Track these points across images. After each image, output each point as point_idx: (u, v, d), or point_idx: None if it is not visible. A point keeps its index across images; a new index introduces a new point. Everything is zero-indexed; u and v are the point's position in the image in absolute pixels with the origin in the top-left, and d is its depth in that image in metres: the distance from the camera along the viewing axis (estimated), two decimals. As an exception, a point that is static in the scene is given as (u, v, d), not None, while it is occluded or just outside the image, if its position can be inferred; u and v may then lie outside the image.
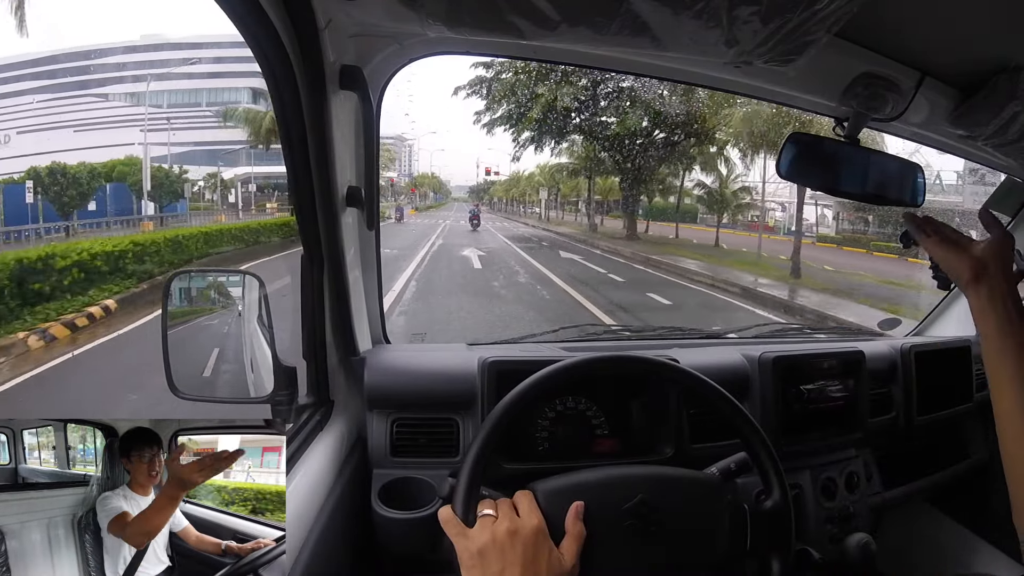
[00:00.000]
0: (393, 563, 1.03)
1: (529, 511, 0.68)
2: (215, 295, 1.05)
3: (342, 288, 0.99)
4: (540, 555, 0.64)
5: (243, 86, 31.95)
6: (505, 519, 0.66)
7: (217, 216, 19.35)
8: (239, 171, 29.13)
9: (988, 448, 1.57)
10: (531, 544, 0.65)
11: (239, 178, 28.70)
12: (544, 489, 0.72)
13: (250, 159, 28.77)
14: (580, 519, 0.69)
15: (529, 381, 0.77)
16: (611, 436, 1.09)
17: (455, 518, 0.67)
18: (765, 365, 1.21)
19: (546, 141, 15.86)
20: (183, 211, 20.57)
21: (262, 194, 28.62)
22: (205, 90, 32.82)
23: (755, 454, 0.81)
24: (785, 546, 0.78)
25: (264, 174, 29.15)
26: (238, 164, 29.24)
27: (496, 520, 0.66)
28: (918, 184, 1.09)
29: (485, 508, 0.68)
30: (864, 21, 0.73)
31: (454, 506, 0.68)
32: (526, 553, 0.64)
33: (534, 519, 0.67)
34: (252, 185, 28.96)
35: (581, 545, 0.67)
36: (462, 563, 0.65)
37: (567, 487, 0.73)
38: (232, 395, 0.97)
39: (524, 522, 0.66)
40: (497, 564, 0.63)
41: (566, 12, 0.69)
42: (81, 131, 28.70)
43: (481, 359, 1.05)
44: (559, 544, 0.67)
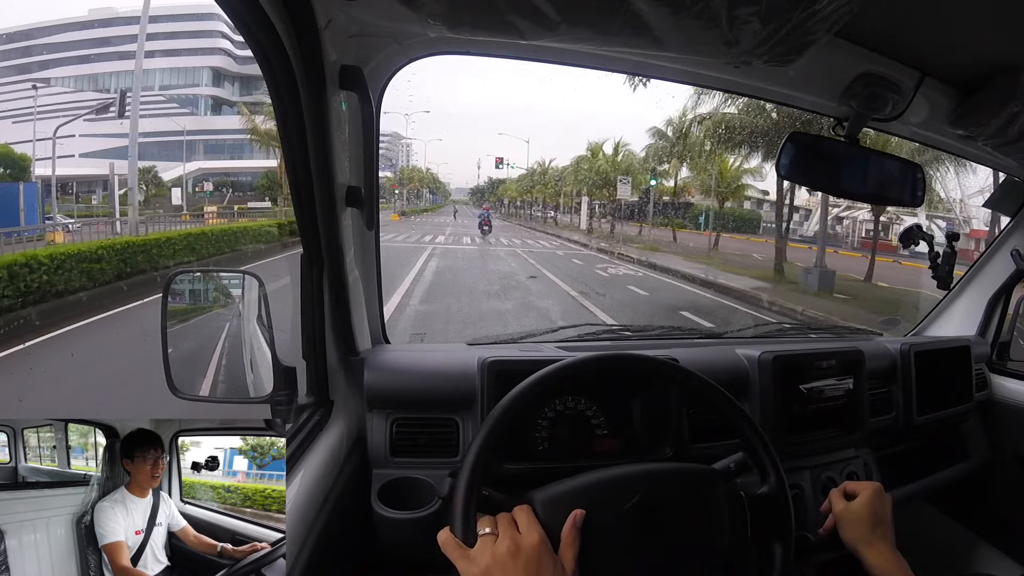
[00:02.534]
0: (393, 563, 1.03)
1: (529, 526, 0.67)
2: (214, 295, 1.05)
3: (342, 288, 0.99)
4: (543, 569, 0.64)
5: (203, 65, 27.70)
6: (505, 537, 0.66)
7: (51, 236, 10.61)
8: (192, 167, 24.82)
9: (988, 448, 1.57)
10: (533, 561, 0.64)
11: (191, 175, 24.57)
12: (542, 499, 0.72)
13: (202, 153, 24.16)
14: (578, 528, 0.68)
15: (529, 381, 0.77)
16: (611, 436, 1.09)
17: (455, 540, 0.66)
18: (765, 365, 1.21)
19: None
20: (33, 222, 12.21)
21: (219, 193, 24.44)
22: (158, 71, 28.11)
23: (754, 454, 0.81)
24: (786, 531, 0.78)
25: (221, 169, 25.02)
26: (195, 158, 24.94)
27: (497, 539, 0.66)
28: (918, 183, 1.09)
29: (485, 526, 0.67)
30: (864, 21, 0.73)
31: (452, 527, 0.67)
32: (528, 570, 0.64)
33: (534, 534, 0.66)
34: (208, 183, 24.75)
35: (577, 553, 0.67)
36: None
37: (564, 494, 0.72)
38: (231, 395, 0.97)
39: (524, 539, 0.66)
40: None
41: (566, 12, 0.69)
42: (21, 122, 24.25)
43: (481, 359, 1.05)
44: (558, 552, 0.67)
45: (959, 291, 1.74)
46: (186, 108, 24.80)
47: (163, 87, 27.06)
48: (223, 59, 29.61)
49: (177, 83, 27.55)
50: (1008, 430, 1.57)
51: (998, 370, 1.67)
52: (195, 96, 29.57)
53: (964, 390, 1.53)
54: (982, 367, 1.63)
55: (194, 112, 24.95)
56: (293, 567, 0.72)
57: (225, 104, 30.31)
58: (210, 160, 26.63)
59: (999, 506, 1.56)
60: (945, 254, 1.44)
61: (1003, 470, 1.56)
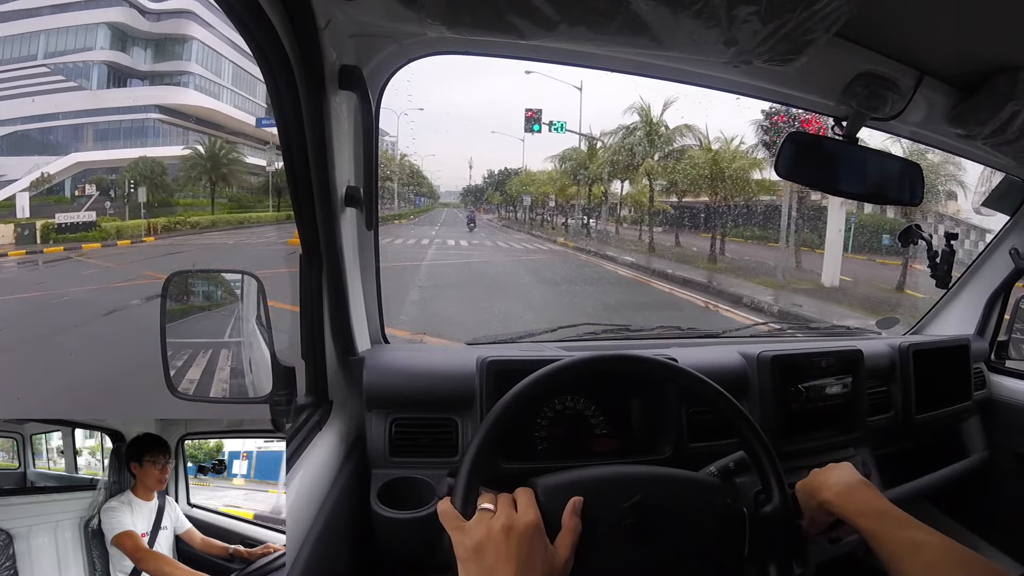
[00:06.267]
0: (393, 563, 1.03)
1: (526, 507, 0.68)
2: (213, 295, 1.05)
3: (341, 288, 0.99)
4: (535, 551, 0.65)
5: (99, 20, 18.58)
6: (502, 514, 0.67)
7: None
8: (65, 162, 16.06)
9: (986, 447, 1.57)
10: (526, 540, 0.65)
11: (63, 174, 16.10)
12: (544, 485, 0.72)
13: (89, 140, 14.50)
14: (577, 515, 0.69)
15: (528, 380, 0.77)
16: (610, 435, 1.09)
17: (453, 511, 0.68)
18: (764, 364, 1.21)
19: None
20: None
21: (104, 196, 16.68)
22: (43, 33, 18.39)
23: (754, 455, 0.80)
24: (784, 554, 0.78)
25: (106, 163, 15.67)
26: (80, 147, 16.00)
27: (493, 515, 0.67)
28: (917, 182, 1.09)
29: (485, 502, 0.69)
30: (863, 21, 0.73)
31: (453, 499, 0.69)
32: (520, 549, 0.64)
33: (530, 515, 0.67)
34: (90, 186, 16.00)
35: (576, 540, 0.68)
36: (458, 556, 0.66)
37: (567, 483, 0.73)
38: (231, 395, 0.97)
39: (520, 518, 0.67)
40: (491, 558, 0.64)
41: (566, 12, 0.69)
42: None
43: (480, 359, 1.05)
44: (555, 539, 0.68)
45: (958, 290, 1.74)
46: (73, 81, 16.66)
47: (51, 54, 18.31)
48: (126, 12, 21.35)
49: (67, 49, 18.29)
50: (1006, 429, 1.58)
51: (997, 369, 1.67)
52: (86, 64, 20.13)
53: (963, 389, 1.53)
54: (981, 366, 1.64)
55: (83, 86, 16.84)
56: (292, 567, 0.72)
57: (132, 76, 21.26)
58: (101, 151, 17.60)
59: (997, 505, 1.57)
60: (944, 253, 1.45)
61: (1001, 469, 1.56)
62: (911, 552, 0.69)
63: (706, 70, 1.01)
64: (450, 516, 0.67)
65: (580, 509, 0.69)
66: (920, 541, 0.70)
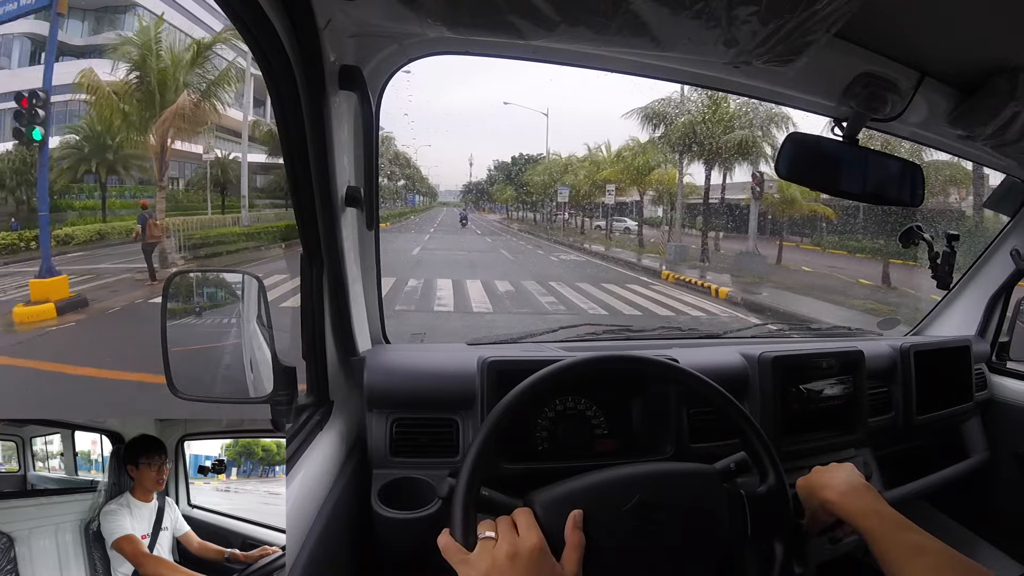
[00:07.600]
0: (393, 563, 1.03)
1: (527, 529, 0.67)
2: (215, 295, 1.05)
3: (341, 288, 0.99)
4: (542, 573, 0.64)
5: None
6: (504, 541, 0.66)
7: None
8: None
9: (987, 447, 1.57)
10: (532, 564, 0.64)
11: None
12: (542, 501, 0.72)
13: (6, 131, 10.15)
14: (579, 528, 0.69)
15: (528, 381, 0.77)
16: (611, 436, 1.09)
17: (455, 544, 0.66)
18: (764, 365, 1.21)
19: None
20: None
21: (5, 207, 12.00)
22: None
23: (750, 444, 0.81)
24: (786, 529, 0.78)
25: None
26: None
27: (496, 543, 0.66)
28: (918, 183, 1.09)
29: (485, 530, 0.68)
30: (863, 21, 0.73)
31: (452, 531, 0.67)
32: (528, 573, 0.64)
33: (533, 537, 0.66)
34: None
35: (581, 554, 0.67)
36: None
37: (564, 495, 0.72)
38: (231, 395, 0.97)
39: (523, 542, 0.66)
40: None
41: (566, 12, 0.69)
42: None
43: (480, 359, 1.05)
44: (561, 555, 0.67)
45: (959, 291, 1.74)
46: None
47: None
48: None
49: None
50: (1008, 430, 1.57)
51: (998, 370, 1.67)
52: (6, 37, 16.67)
53: (964, 390, 1.53)
54: (982, 367, 1.64)
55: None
56: (293, 567, 0.72)
57: (64, 53, 16.20)
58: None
59: (998, 505, 1.56)
60: (944, 254, 1.45)
61: (1002, 470, 1.56)
62: (911, 556, 0.69)
63: (706, 71, 1.01)
64: (452, 550, 0.66)
65: (581, 522, 0.69)
66: (921, 546, 0.69)
